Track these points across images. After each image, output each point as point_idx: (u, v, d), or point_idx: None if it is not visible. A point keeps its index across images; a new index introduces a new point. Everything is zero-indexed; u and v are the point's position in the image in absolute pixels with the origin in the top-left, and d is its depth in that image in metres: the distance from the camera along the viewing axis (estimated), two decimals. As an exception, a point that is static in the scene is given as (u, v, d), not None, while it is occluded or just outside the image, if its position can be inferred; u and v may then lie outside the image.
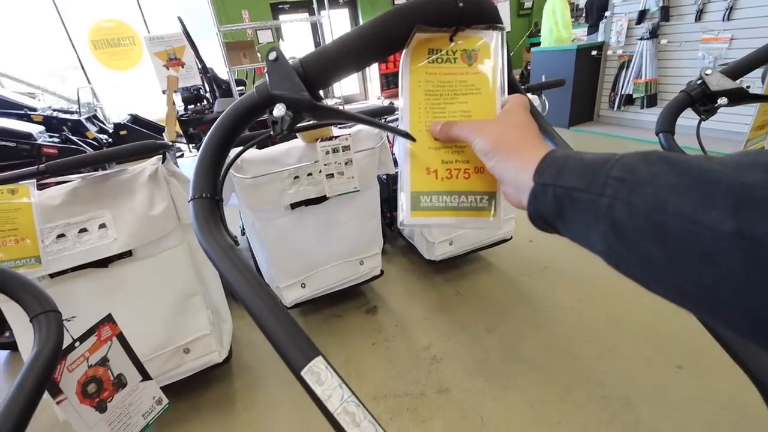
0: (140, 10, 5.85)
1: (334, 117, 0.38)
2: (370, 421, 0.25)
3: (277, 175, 1.29)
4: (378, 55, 0.35)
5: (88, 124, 3.33)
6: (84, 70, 5.72)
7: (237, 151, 0.57)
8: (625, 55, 3.94)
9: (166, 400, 0.83)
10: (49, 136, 2.91)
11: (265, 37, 5.73)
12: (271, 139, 1.58)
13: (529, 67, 5.21)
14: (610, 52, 4.10)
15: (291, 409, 1.35)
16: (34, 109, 3.24)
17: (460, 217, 0.39)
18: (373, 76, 7.46)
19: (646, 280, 0.22)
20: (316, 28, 6.87)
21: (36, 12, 5.33)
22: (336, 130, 1.37)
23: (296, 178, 1.32)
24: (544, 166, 0.28)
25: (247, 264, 0.32)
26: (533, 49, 4.78)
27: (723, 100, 0.65)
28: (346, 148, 1.34)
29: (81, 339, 0.68)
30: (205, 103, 3.84)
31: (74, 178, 1.04)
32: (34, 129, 2.79)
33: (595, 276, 1.82)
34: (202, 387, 1.45)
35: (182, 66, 4.35)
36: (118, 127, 3.55)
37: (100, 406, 0.69)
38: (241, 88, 4.09)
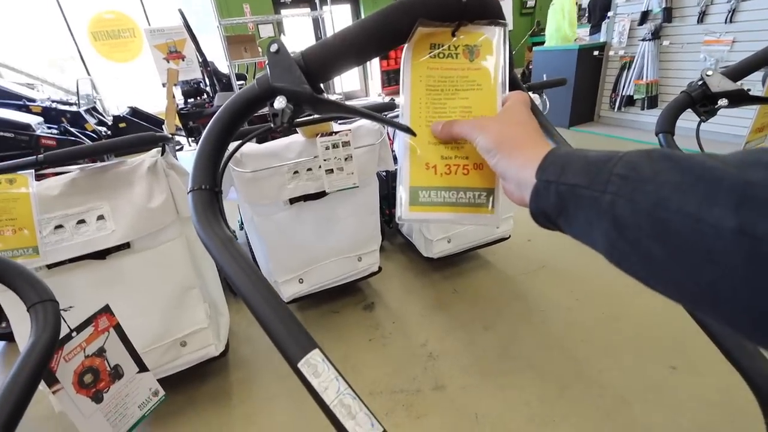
0: (141, 1, 5.80)
1: (335, 110, 0.38)
2: (366, 414, 0.25)
3: (276, 170, 1.29)
4: (380, 49, 0.35)
5: (87, 116, 3.30)
6: (84, 62, 5.68)
7: (237, 144, 0.57)
8: (626, 56, 3.94)
9: (163, 392, 0.83)
10: (48, 128, 2.89)
11: (267, 31, 5.70)
12: (271, 133, 1.57)
13: (531, 66, 5.20)
14: (611, 53, 4.09)
15: (287, 403, 1.35)
16: (33, 100, 3.21)
17: (458, 212, 0.39)
18: (374, 73, 7.42)
19: (647, 278, 0.22)
20: (317, 23, 6.84)
21: (36, 2, 5.28)
22: (336, 126, 1.36)
23: (296, 173, 1.32)
24: (547, 164, 0.28)
25: (245, 256, 0.32)
26: (535, 49, 4.76)
27: (723, 102, 0.65)
28: (346, 144, 1.33)
29: (78, 329, 0.68)
30: (205, 96, 3.82)
31: (73, 169, 1.04)
32: (33, 120, 2.77)
33: (592, 276, 1.82)
34: (199, 380, 1.45)
35: (182, 59, 4.32)
36: (117, 119, 3.52)
37: (97, 397, 0.69)
38: (241, 83, 4.06)
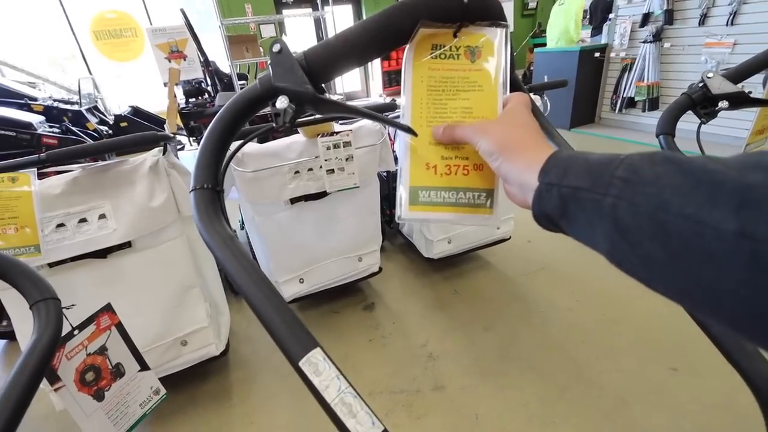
0: (143, 1, 5.82)
1: (337, 110, 0.38)
2: (367, 412, 0.26)
3: (277, 170, 1.29)
4: (382, 50, 0.35)
5: (89, 115, 3.31)
6: (85, 61, 5.69)
7: (238, 143, 0.57)
8: (627, 58, 3.94)
9: (164, 391, 0.83)
10: (50, 127, 2.89)
11: (268, 31, 5.70)
12: (272, 133, 1.57)
13: (532, 68, 5.20)
14: (613, 55, 4.09)
15: (287, 402, 1.35)
16: (35, 99, 3.22)
17: (458, 213, 0.39)
18: (375, 74, 7.44)
19: (649, 279, 0.22)
20: (319, 24, 6.85)
21: (38, 1, 5.30)
22: (337, 126, 1.37)
23: (297, 173, 1.33)
24: (550, 166, 0.28)
25: (247, 255, 0.32)
26: (536, 50, 4.77)
27: (724, 104, 0.65)
28: (347, 144, 1.34)
29: (80, 327, 0.68)
30: (206, 96, 3.83)
31: (74, 168, 1.04)
32: (35, 119, 2.77)
33: (593, 278, 1.82)
34: (199, 379, 1.45)
35: (184, 59, 4.33)
36: (118, 118, 3.53)
37: (98, 395, 0.69)
38: (243, 82, 4.07)
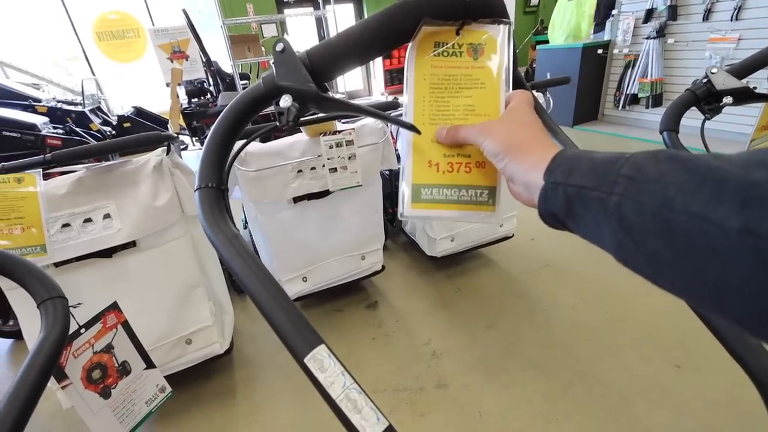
0: (145, 2, 5.83)
1: (340, 109, 0.38)
2: (372, 408, 0.26)
3: (280, 169, 1.30)
4: (384, 48, 0.35)
5: (92, 116, 3.32)
6: (88, 62, 5.72)
7: (242, 143, 0.57)
8: (631, 54, 3.91)
9: (169, 389, 0.84)
10: (53, 128, 2.91)
11: (270, 31, 5.70)
12: (275, 132, 1.58)
13: (535, 65, 5.18)
14: (616, 51, 4.07)
15: (290, 400, 1.36)
16: (39, 100, 3.24)
17: (460, 210, 0.39)
18: (377, 72, 7.42)
19: (655, 276, 0.22)
20: (320, 23, 6.85)
21: (41, 3, 5.32)
22: (340, 125, 1.37)
23: (299, 171, 1.33)
24: (555, 165, 0.28)
25: (251, 253, 0.33)
26: (539, 47, 4.75)
27: (728, 99, 0.65)
28: (350, 143, 1.34)
29: (87, 326, 0.69)
30: (208, 96, 3.84)
31: (79, 169, 1.05)
32: (39, 120, 2.79)
33: (596, 275, 1.82)
34: (204, 378, 1.46)
35: (186, 59, 4.34)
36: (121, 119, 3.55)
37: (105, 392, 0.70)
38: (245, 82, 4.08)
